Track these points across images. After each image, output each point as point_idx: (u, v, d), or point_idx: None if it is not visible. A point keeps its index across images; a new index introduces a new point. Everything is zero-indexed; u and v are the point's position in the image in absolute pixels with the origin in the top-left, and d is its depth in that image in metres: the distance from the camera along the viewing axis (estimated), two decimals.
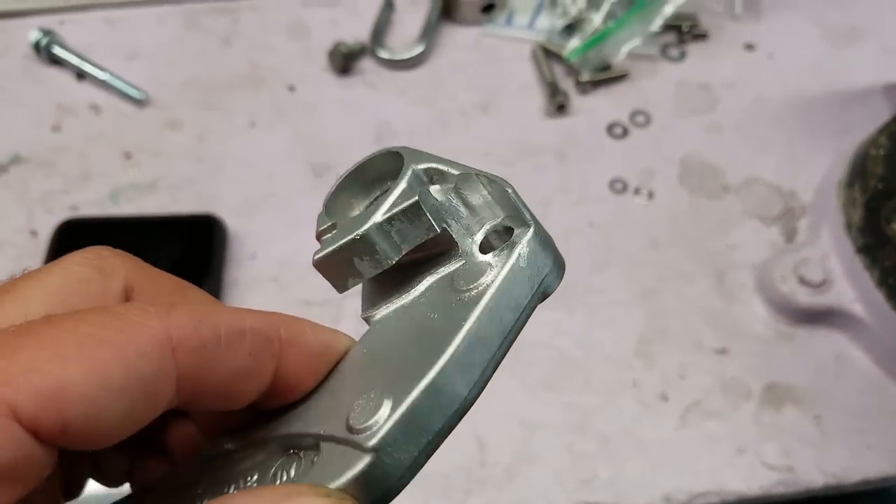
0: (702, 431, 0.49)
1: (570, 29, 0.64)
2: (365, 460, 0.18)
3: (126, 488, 0.24)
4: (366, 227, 0.21)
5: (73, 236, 0.54)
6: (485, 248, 0.21)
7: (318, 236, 0.23)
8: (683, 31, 0.65)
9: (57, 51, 0.63)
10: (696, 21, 0.66)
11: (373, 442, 0.18)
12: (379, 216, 0.21)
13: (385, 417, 0.18)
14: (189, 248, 0.53)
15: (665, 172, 0.59)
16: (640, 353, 0.51)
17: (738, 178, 0.59)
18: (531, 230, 0.20)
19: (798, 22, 0.68)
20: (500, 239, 0.21)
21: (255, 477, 0.21)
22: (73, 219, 0.55)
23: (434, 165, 0.22)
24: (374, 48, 0.64)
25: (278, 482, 0.20)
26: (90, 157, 0.59)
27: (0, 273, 0.53)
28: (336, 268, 0.22)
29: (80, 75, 0.63)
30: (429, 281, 0.22)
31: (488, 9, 0.66)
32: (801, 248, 0.54)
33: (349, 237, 0.21)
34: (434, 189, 0.21)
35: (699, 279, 0.54)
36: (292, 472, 0.20)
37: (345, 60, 0.63)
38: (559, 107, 0.61)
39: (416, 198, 0.20)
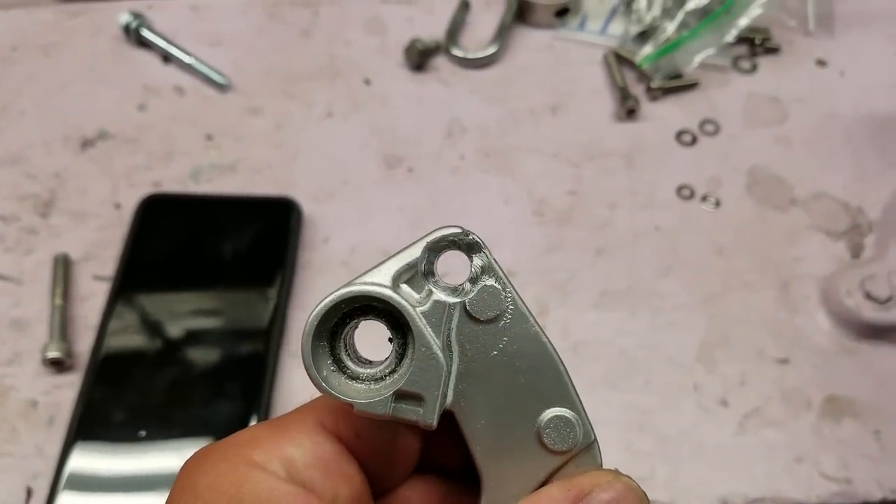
0: (760, 438, 0.49)
1: (643, 36, 0.65)
2: (595, 448, 0.25)
3: None
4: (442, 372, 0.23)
5: (155, 210, 0.57)
6: (471, 279, 0.25)
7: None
8: (756, 43, 0.66)
9: (145, 34, 0.66)
10: (768, 35, 0.66)
11: (593, 436, 0.25)
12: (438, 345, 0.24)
13: (580, 414, 0.25)
14: (266, 228, 0.55)
15: (732, 181, 0.59)
16: (701, 358, 0.52)
17: (806, 192, 0.59)
18: (481, 242, 0.24)
19: (871, 40, 0.68)
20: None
21: None
22: (156, 194, 0.57)
23: (397, 269, 0.24)
24: (449, 46, 0.66)
25: None
26: (173, 137, 0.61)
27: (84, 243, 0.56)
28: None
29: (166, 58, 0.66)
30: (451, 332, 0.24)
31: (562, 13, 0.68)
32: (867, 263, 0.54)
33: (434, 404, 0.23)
34: (407, 290, 0.24)
35: (763, 289, 0.55)
36: None
37: (420, 57, 0.65)
38: (629, 111, 0.62)
39: (440, 359, 0.24)
